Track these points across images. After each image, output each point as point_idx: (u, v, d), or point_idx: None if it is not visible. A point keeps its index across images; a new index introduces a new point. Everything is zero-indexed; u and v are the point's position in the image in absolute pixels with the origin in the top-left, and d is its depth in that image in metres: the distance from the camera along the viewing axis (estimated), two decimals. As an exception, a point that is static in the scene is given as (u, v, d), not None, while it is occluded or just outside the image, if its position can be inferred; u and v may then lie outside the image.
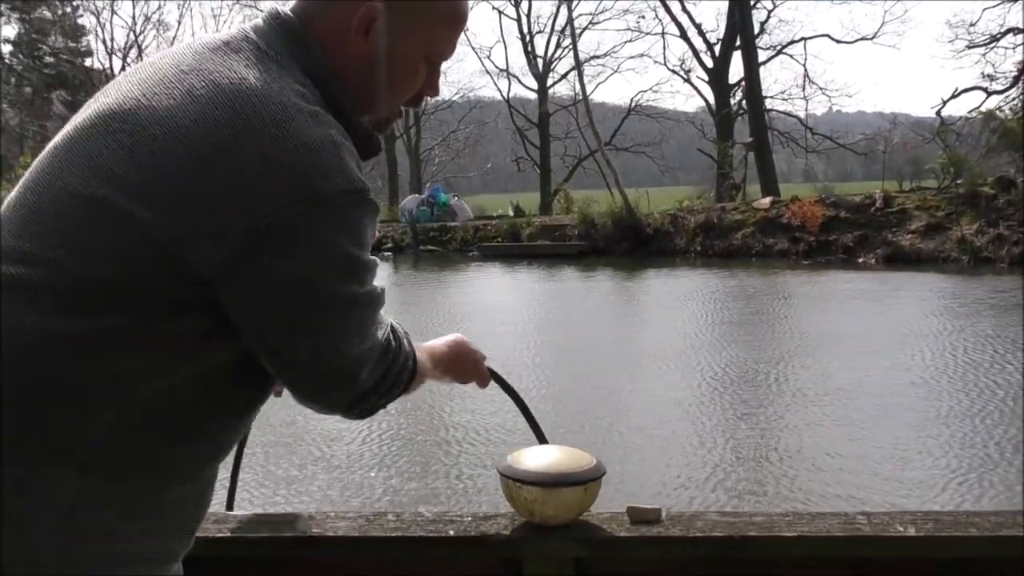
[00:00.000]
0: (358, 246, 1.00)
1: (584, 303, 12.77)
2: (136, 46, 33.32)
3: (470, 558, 1.36)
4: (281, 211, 0.92)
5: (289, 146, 0.93)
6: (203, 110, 0.94)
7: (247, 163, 0.92)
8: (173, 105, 0.95)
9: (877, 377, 7.21)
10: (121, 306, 0.92)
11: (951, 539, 1.29)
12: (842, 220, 17.13)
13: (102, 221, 0.92)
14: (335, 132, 0.98)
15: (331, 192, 0.94)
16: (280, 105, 0.95)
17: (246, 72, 0.98)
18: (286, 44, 1.04)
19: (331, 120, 1.00)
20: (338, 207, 0.96)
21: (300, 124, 0.94)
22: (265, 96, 0.95)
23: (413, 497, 4.91)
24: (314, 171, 0.94)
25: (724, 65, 32.72)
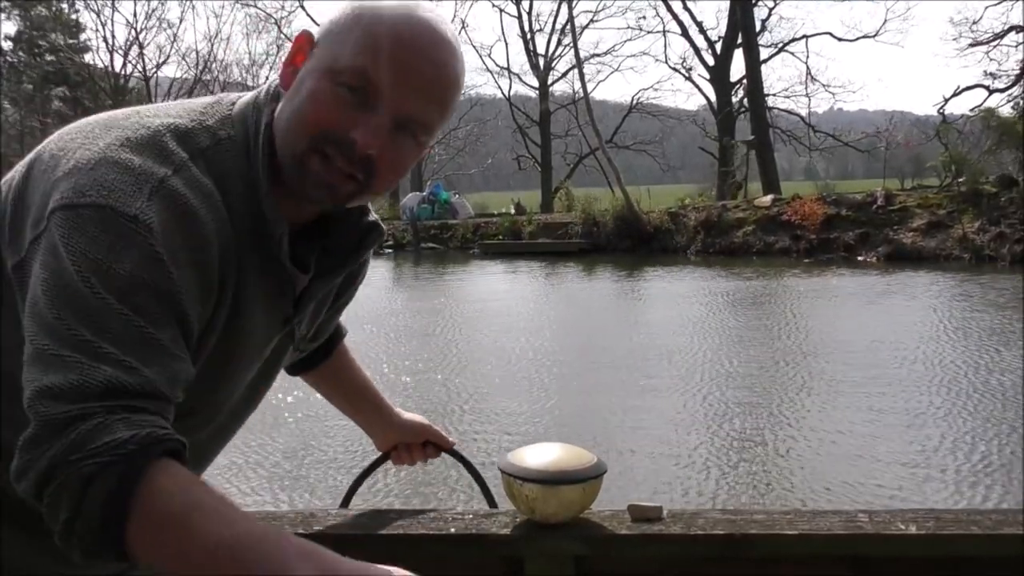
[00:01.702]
0: (102, 272, 0.82)
1: (585, 301, 12.77)
2: (137, 43, 33.35)
3: (470, 556, 1.36)
4: (51, 212, 0.85)
5: (102, 159, 0.87)
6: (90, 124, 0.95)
7: (66, 166, 0.88)
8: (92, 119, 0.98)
9: (877, 376, 7.20)
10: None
11: (952, 537, 1.29)
12: (843, 218, 17.12)
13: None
14: (175, 175, 0.88)
15: (96, 203, 0.84)
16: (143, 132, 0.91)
17: (169, 108, 0.97)
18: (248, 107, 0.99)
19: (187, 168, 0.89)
20: (93, 220, 0.83)
21: (138, 149, 0.88)
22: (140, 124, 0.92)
23: (413, 495, 4.92)
24: (101, 183, 0.85)
25: (725, 63, 32.72)
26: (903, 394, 6.62)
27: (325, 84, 0.91)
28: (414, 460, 1.55)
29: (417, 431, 1.53)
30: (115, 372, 0.78)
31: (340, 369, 1.41)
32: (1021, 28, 25.67)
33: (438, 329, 10.28)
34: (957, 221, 15.97)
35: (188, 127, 0.93)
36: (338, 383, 1.44)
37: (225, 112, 0.97)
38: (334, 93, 0.91)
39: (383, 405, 1.49)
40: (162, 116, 0.94)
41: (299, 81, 0.94)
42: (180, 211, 0.86)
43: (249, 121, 0.96)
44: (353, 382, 1.45)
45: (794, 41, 33.68)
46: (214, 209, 0.90)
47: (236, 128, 0.96)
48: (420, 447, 1.54)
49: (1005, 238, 15.05)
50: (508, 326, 10.20)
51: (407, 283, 16.08)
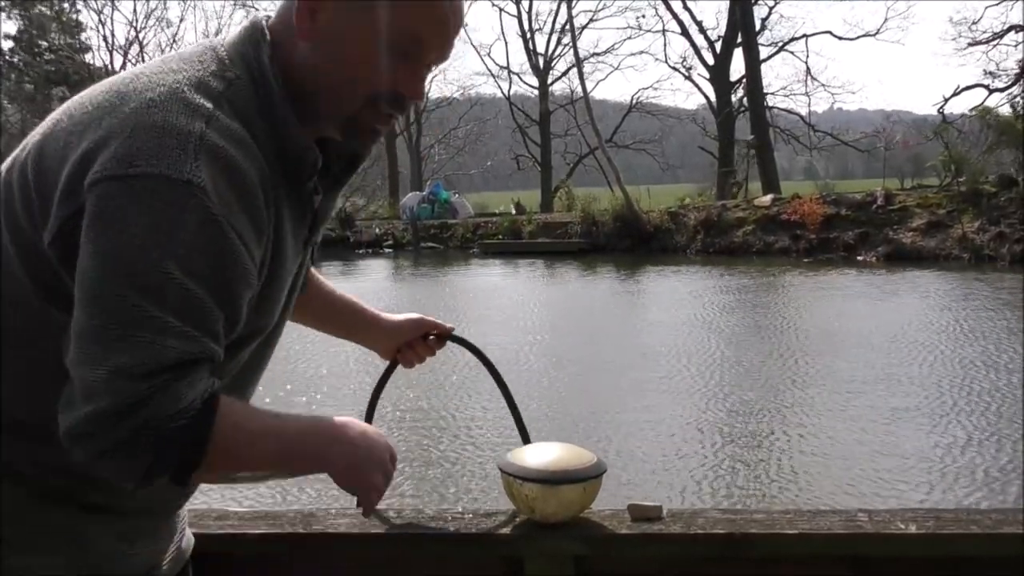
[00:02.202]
0: (166, 252, 0.85)
1: (585, 301, 12.77)
2: (137, 43, 33.35)
3: (471, 556, 1.36)
4: (95, 182, 0.86)
5: (137, 124, 0.87)
6: (99, 91, 0.96)
7: (95, 138, 0.89)
8: (96, 87, 0.98)
9: (878, 375, 7.20)
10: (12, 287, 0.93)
11: (952, 537, 1.29)
12: (843, 218, 17.12)
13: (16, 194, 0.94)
14: (209, 129, 0.89)
15: (147, 172, 0.85)
16: (163, 91, 0.91)
17: (162, 65, 0.97)
18: (240, 46, 1.00)
19: (217, 118, 0.90)
20: (149, 190, 0.84)
21: (166, 109, 0.89)
22: (154, 83, 0.92)
23: (414, 494, 4.91)
24: (144, 149, 0.86)
25: (725, 62, 32.70)
26: (904, 392, 6.62)
27: (374, 46, 0.97)
28: (422, 356, 1.54)
29: (412, 327, 1.53)
30: (180, 345, 0.86)
31: (319, 294, 1.41)
32: (1020, 28, 25.68)
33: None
34: (957, 221, 15.97)
35: (198, 75, 0.95)
36: (322, 307, 1.43)
37: (221, 54, 0.98)
38: (383, 55, 0.97)
39: (370, 313, 1.50)
40: (166, 71, 0.95)
41: (334, 35, 0.97)
42: (224, 163, 0.89)
43: (250, 59, 0.98)
44: (335, 302, 1.46)
45: (794, 40, 33.69)
46: (250, 152, 0.93)
47: (239, 67, 0.97)
48: (423, 342, 1.53)
49: (1005, 238, 15.05)
50: (507, 325, 10.20)
51: (407, 282, 16.08)
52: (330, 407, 6.52)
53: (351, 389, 6.89)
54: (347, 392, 6.83)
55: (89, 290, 0.85)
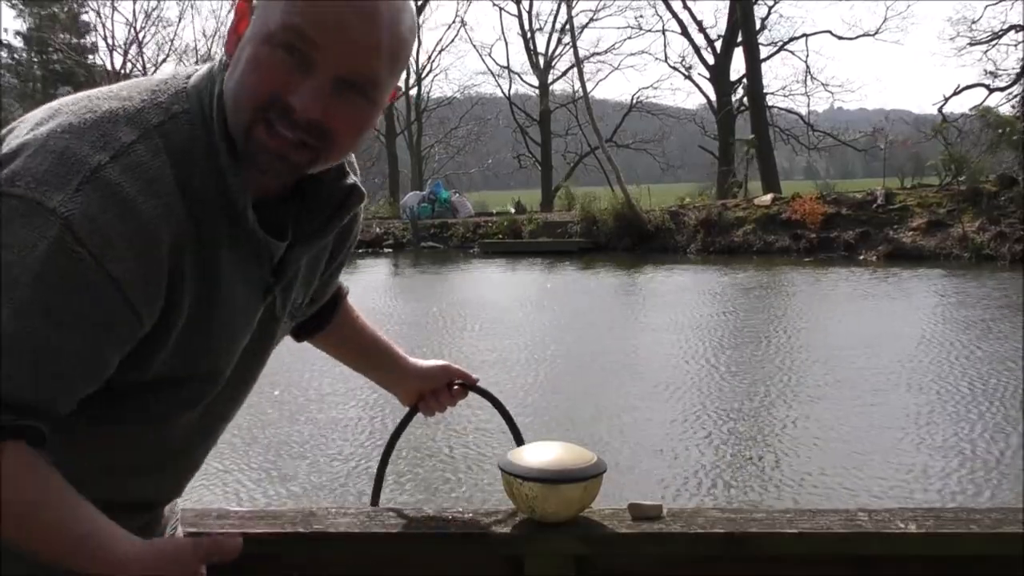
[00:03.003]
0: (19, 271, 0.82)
1: (585, 300, 12.77)
2: (137, 43, 33.35)
3: (471, 555, 1.36)
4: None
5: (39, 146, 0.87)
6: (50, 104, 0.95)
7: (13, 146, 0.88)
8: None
9: (878, 374, 7.21)
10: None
11: (952, 536, 1.29)
12: (843, 217, 17.12)
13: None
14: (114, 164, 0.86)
15: (20, 194, 0.83)
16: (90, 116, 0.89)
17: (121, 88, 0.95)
18: (202, 79, 0.96)
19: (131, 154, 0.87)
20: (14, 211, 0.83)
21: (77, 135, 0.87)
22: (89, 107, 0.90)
23: (414, 493, 4.92)
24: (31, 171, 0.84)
25: (725, 62, 32.71)
26: (904, 392, 6.62)
27: (261, 49, 0.89)
28: (443, 406, 1.50)
29: (439, 374, 1.48)
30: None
31: (347, 327, 1.38)
32: (1020, 27, 25.67)
33: (437, 328, 10.28)
34: (957, 220, 15.97)
35: (138, 107, 0.91)
36: (348, 341, 1.40)
37: (180, 86, 0.95)
38: (270, 57, 0.89)
39: (398, 356, 1.44)
40: (112, 98, 0.92)
41: (239, 49, 0.92)
42: (113, 201, 0.84)
43: (204, 93, 0.94)
44: (362, 338, 1.41)
45: (794, 40, 33.70)
46: (158, 191, 0.87)
47: (191, 102, 0.93)
48: (446, 391, 1.49)
49: (1005, 237, 15.05)
50: (507, 325, 10.20)
51: (407, 282, 16.08)
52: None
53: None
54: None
55: None
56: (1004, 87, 25.57)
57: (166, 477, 1.10)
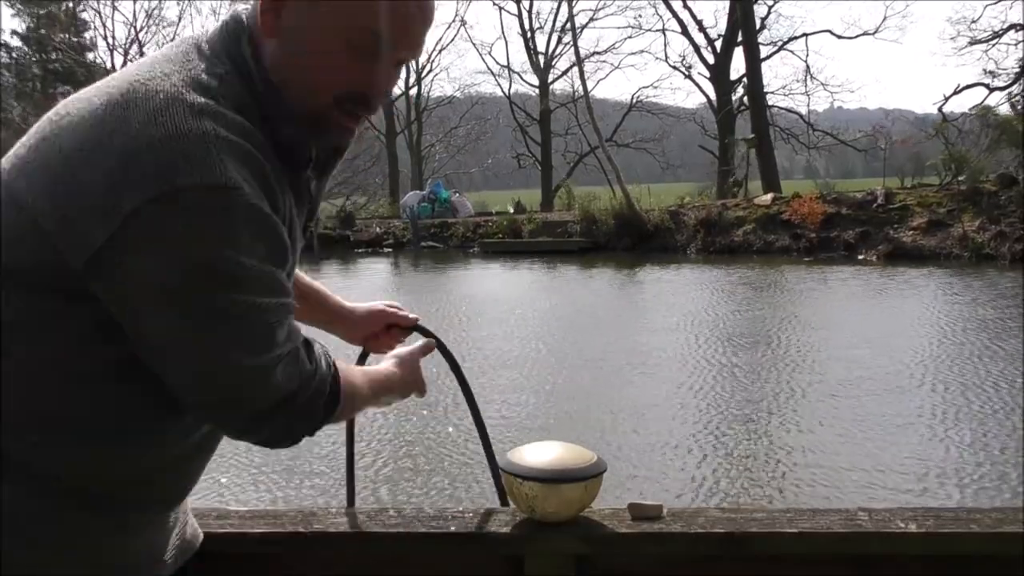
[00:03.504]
0: (230, 247, 0.90)
1: (585, 300, 12.77)
2: (136, 42, 33.33)
3: (471, 555, 1.36)
4: (137, 208, 0.86)
5: (154, 138, 0.88)
6: (97, 102, 0.94)
7: (112, 159, 0.89)
8: (87, 96, 0.97)
9: (878, 374, 7.20)
10: (28, 290, 0.93)
11: (952, 535, 1.29)
12: (843, 217, 17.11)
13: (10, 210, 0.94)
14: (217, 125, 0.91)
15: (185, 186, 0.87)
16: (163, 95, 0.92)
17: (156, 66, 0.97)
18: (222, 38, 1.02)
19: (222, 114, 0.93)
20: (194, 204, 0.87)
21: (175, 115, 0.90)
22: (154, 88, 0.93)
23: (414, 493, 4.92)
24: (174, 165, 0.87)
25: (725, 61, 32.69)
26: (904, 391, 6.62)
27: (335, 45, 0.98)
28: (391, 345, 1.55)
29: (377, 317, 1.55)
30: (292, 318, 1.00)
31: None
32: (1020, 27, 25.65)
33: (437, 327, 10.26)
34: (957, 220, 15.96)
35: (192, 75, 0.96)
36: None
37: (206, 52, 1.00)
38: (344, 54, 0.98)
39: (337, 304, 1.52)
40: (161, 75, 0.95)
41: (296, 33, 0.99)
42: (242, 156, 0.92)
43: (235, 55, 1.00)
44: (305, 287, 1.46)
45: (794, 39, 33.68)
46: (256, 141, 0.95)
47: (226, 63, 0.99)
48: (387, 333, 1.55)
49: (1005, 237, 15.04)
50: (507, 324, 10.20)
51: (407, 282, 16.08)
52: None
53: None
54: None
55: (183, 304, 0.90)
56: (1004, 86, 25.56)
57: (202, 466, 1.14)
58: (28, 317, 0.93)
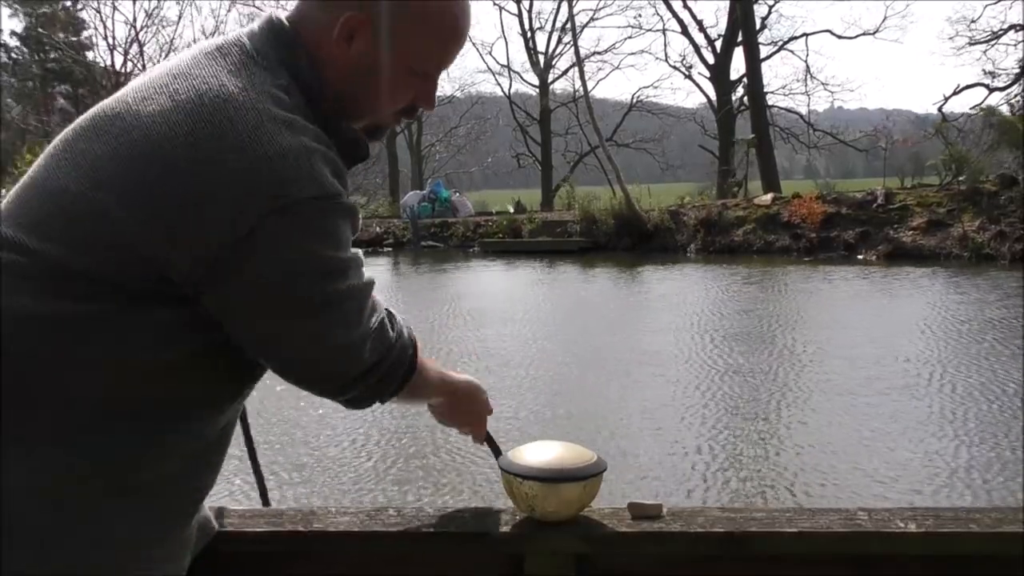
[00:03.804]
0: (335, 247, 1.03)
1: (585, 299, 12.77)
2: (136, 42, 33.31)
3: (471, 554, 1.37)
4: (254, 221, 0.95)
5: (261, 155, 0.96)
6: (180, 117, 0.98)
7: (219, 173, 0.95)
8: (155, 111, 1.00)
9: (878, 374, 7.20)
10: (97, 294, 0.97)
11: (952, 535, 1.29)
12: (843, 217, 17.11)
13: (83, 216, 0.98)
14: (309, 139, 1.01)
15: (302, 199, 0.97)
16: (254, 112, 0.98)
17: (226, 78, 1.01)
18: (275, 48, 1.08)
19: (306, 126, 1.02)
20: (310, 213, 0.99)
21: (272, 132, 0.98)
22: (241, 103, 0.98)
23: (414, 492, 4.92)
24: (284, 179, 0.96)
25: (725, 61, 32.70)
26: (904, 391, 6.62)
27: (402, 74, 1.12)
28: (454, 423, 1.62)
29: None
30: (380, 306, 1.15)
31: None
32: (1020, 27, 25.66)
33: (438, 327, 10.28)
34: (957, 220, 15.96)
35: (263, 87, 1.03)
36: None
37: (261, 62, 1.06)
38: (409, 82, 1.13)
39: None
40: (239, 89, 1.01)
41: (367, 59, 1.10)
42: (333, 165, 1.03)
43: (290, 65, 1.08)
44: None
45: (794, 39, 33.70)
46: (331, 146, 1.06)
47: (284, 75, 1.07)
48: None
49: (1005, 237, 15.04)
50: (507, 324, 10.21)
51: (407, 281, 16.08)
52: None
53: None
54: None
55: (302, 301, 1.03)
56: (1004, 87, 25.57)
57: (224, 457, 1.19)
58: (99, 317, 0.98)
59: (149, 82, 1.05)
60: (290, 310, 1.03)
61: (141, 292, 0.99)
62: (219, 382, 1.10)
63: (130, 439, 1.02)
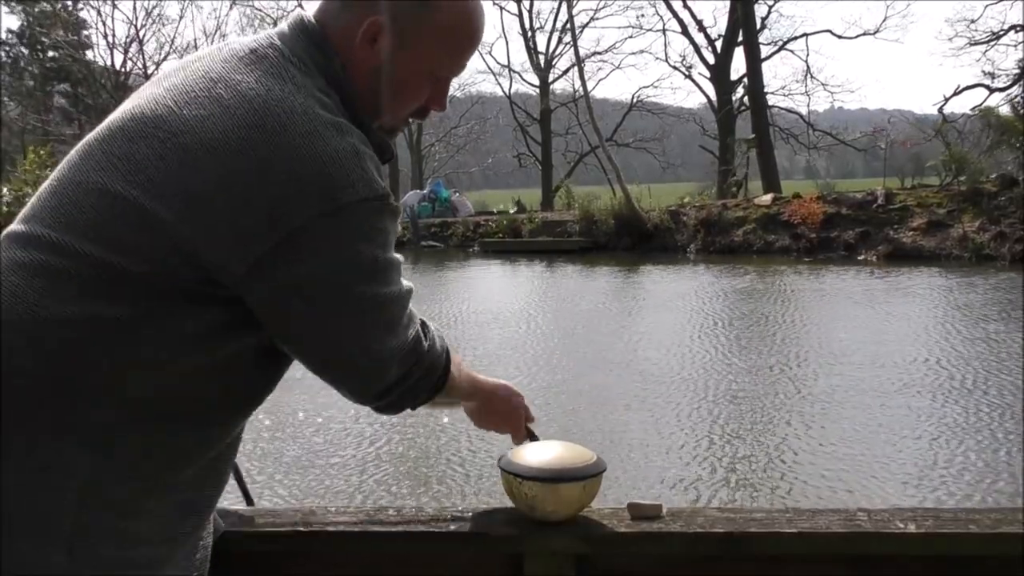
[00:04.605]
0: (382, 248, 1.06)
1: (585, 299, 12.77)
2: (137, 40, 33.31)
3: (470, 554, 1.37)
4: (306, 222, 0.98)
5: (314, 158, 0.98)
6: (232, 123, 0.99)
7: (273, 177, 0.97)
8: (203, 115, 1.00)
9: (877, 374, 7.20)
10: (140, 295, 0.98)
11: (951, 536, 1.29)
12: (843, 217, 17.11)
13: (128, 218, 0.98)
14: (357, 141, 1.03)
15: (354, 201, 1.00)
16: (306, 117, 1.00)
17: (271, 82, 1.03)
18: (308, 51, 1.09)
19: (352, 128, 1.05)
20: (361, 215, 1.02)
21: (325, 136, 1.00)
22: (291, 108, 1.00)
23: (414, 492, 4.92)
24: (338, 182, 0.99)
25: (726, 61, 32.67)
26: (904, 391, 6.62)
27: (420, 78, 1.14)
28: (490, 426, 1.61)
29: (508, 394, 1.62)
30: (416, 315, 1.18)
31: None
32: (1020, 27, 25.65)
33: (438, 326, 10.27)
34: (957, 220, 15.96)
35: (305, 88, 1.05)
36: None
37: (299, 64, 1.08)
38: (425, 83, 1.16)
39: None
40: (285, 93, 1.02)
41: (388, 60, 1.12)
42: (376, 164, 1.06)
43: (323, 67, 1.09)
44: None
45: (794, 39, 33.66)
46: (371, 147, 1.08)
47: (319, 77, 1.08)
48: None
49: (1005, 237, 15.04)
50: (507, 324, 10.21)
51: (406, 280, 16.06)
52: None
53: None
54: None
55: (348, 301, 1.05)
56: (1004, 87, 25.56)
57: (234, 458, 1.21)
58: (141, 318, 0.99)
59: (186, 86, 1.04)
60: (337, 308, 1.05)
61: (184, 294, 1.00)
62: (250, 385, 1.12)
63: (167, 439, 1.03)
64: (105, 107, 30.10)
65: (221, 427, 1.11)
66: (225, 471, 1.17)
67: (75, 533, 0.97)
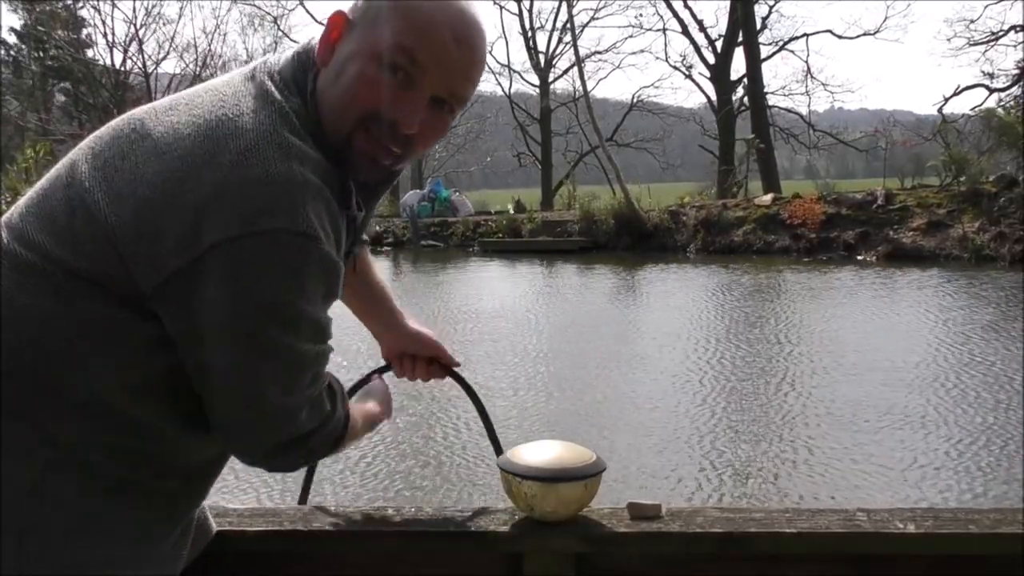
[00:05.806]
0: (297, 293, 0.96)
1: (584, 299, 12.77)
2: (136, 40, 33.30)
3: (470, 553, 1.37)
4: (217, 243, 0.91)
5: (243, 179, 0.92)
6: (189, 131, 0.97)
7: (200, 193, 0.93)
8: (173, 120, 0.99)
9: (877, 374, 7.20)
10: (98, 296, 0.97)
11: (951, 536, 1.29)
12: (843, 217, 17.10)
13: (84, 220, 0.97)
14: (305, 169, 0.96)
15: (269, 229, 0.91)
16: (254, 134, 0.95)
17: (243, 99, 1.00)
18: (293, 68, 1.06)
19: (308, 155, 0.97)
20: (275, 245, 0.92)
21: (264, 155, 0.94)
22: (242, 124, 0.96)
23: (413, 492, 4.92)
24: (260, 206, 0.92)
25: (726, 61, 32.67)
26: (904, 391, 6.62)
27: (370, 67, 1.00)
28: (415, 375, 1.54)
29: (426, 344, 1.53)
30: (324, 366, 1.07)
31: (360, 272, 1.43)
32: (1020, 27, 25.66)
33: (437, 327, 10.28)
34: (957, 221, 15.96)
35: (279, 109, 0.99)
36: (356, 285, 1.44)
37: (279, 83, 1.03)
38: (377, 75, 1.00)
39: (396, 311, 1.52)
40: (250, 111, 0.98)
41: (340, 63, 1.02)
42: (322, 201, 0.97)
43: (303, 88, 1.04)
44: (371, 286, 1.48)
45: (795, 39, 33.67)
46: (330, 180, 1.00)
47: (296, 98, 1.03)
48: (425, 363, 1.54)
49: (1005, 238, 15.04)
50: (506, 324, 10.20)
51: (407, 280, 16.07)
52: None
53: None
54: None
55: (240, 337, 0.95)
56: (1003, 88, 25.56)
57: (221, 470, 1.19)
58: (91, 318, 0.98)
59: (185, 94, 1.05)
60: (226, 347, 0.96)
61: (132, 300, 0.97)
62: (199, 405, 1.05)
63: (128, 443, 1.01)
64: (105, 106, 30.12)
65: (183, 435, 1.06)
66: (201, 487, 1.14)
67: (25, 528, 0.95)
